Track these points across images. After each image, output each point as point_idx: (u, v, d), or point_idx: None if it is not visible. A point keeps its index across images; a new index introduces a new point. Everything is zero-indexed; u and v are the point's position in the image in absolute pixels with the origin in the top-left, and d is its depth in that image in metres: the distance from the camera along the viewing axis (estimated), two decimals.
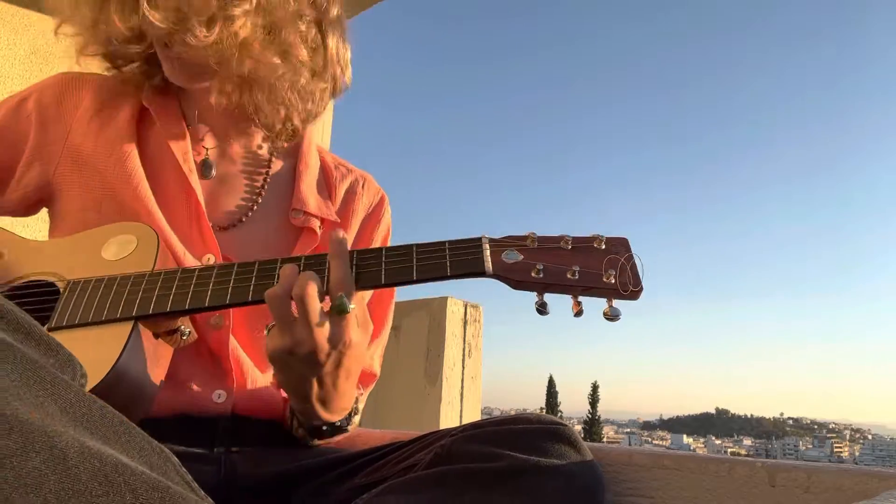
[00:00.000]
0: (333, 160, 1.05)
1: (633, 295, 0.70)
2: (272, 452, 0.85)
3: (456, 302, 2.88)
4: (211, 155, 0.94)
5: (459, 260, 0.71)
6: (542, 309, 0.71)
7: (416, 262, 0.72)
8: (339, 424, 0.84)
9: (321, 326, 0.68)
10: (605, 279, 0.70)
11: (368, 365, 0.97)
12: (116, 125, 0.89)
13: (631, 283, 0.70)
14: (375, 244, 1.02)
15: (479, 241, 0.73)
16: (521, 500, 0.63)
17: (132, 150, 0.87)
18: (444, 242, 0.73)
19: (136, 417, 0.72)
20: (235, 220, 0.91)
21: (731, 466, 0.75)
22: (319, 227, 0.93)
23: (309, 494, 0.80)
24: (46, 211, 0.94)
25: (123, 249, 0.78)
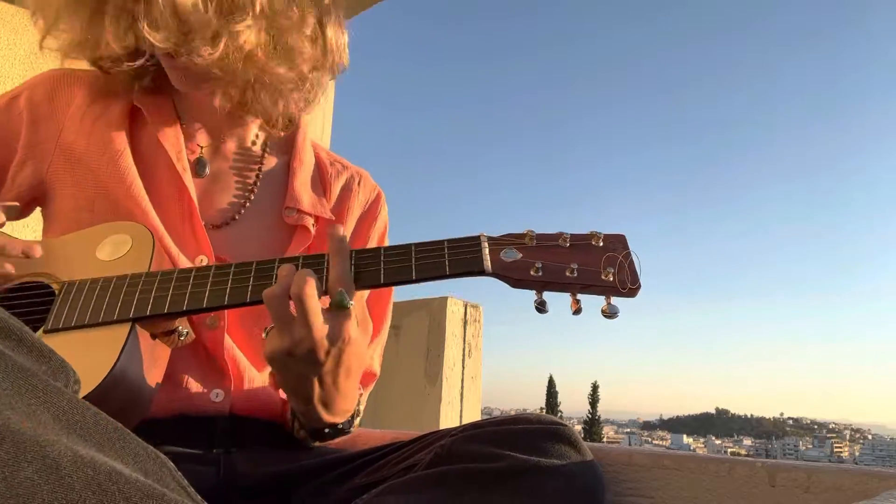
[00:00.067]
0: (329, 156, 1.04)
1: (631, 292, 0.70)
2: (271, 452, 0.85)
3: (456, 302, 2.88)
4: (205, 153, 0.93)
5: (458, 259, 0.71)
6: (541, 307, 0.71)
7: (414, 261, 0.72)
8: (341, 427, 0.84)
9: (320, 324, 0.68)
10: (603, 277, 0.70)
11: (368, 364, 0.97)
12: (109, 123, 0.87)
13: (629, 280, 0.70)
14: (372, 242, 1.01)
15: (477, 239, 0.73)
16: (521, 500, 0.63)
17: (125, 148, 0.86)
18: (442, 241, 0.73)
19: (135, 419, 0.71)
20: (228, 217, 0.90)
21: (731, 466, 0.75)
22: (313, 225, 0.92)
23: (309, 495, 0.80)
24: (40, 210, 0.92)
25: (118, 249, 0.77)
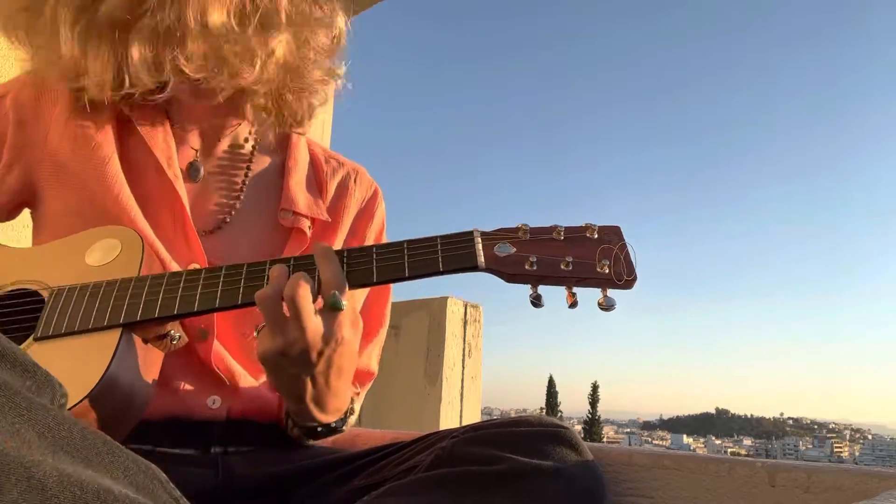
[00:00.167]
0: (324, 153, 1.02)
1: (627, 284, 0.70)
2: (270, 453, 0.85)
3: (456, 302, 2.88)
4: (199, 156, 0.91)
5: (451, 255, 0.70)
6: (536, 301, 0.70)
7: (407, 258, 0.71)
8: (334, 425, 0.83)
9: (313, 325, 0.67)
10: (598, 269, 0.70)
11: (366, 364, 0.96)
12: (95, 127, 0.84)
13: (625, 272, 0.70)
14: (369, 240, 0.99)
15: (470, 234, 0.72)
16: (522, 502, 0.63)
17: (112, 154, 0.83)
18: (435, 238, 0.72)
19: (130, 423, 0.71)
20: (220, 220, 0.89)
21: (731, 466, 0.75)
22: (309, 227, 0.91)
23: (308, 496, 0.79)
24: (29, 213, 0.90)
25: (107, 255, 0.76)
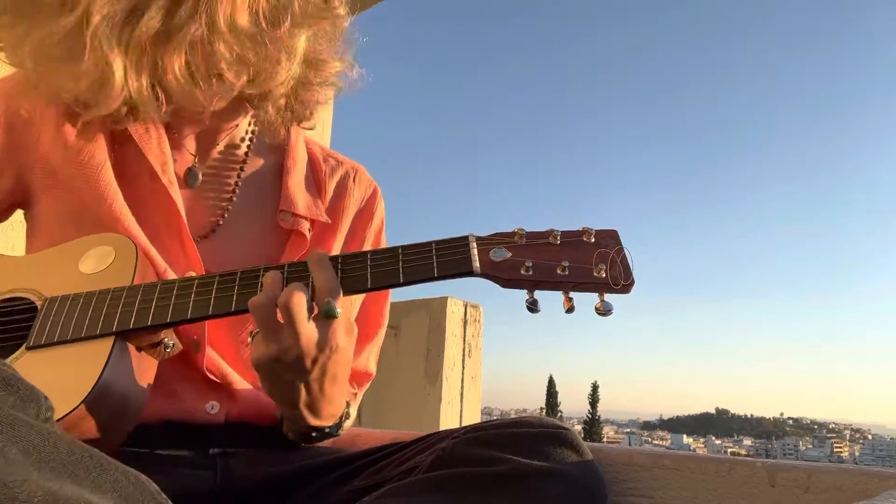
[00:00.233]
0: (322, 151, 1.01)
1: (624, 289, 0.69)
2: (269, 454, 0.84)
3: (456, 302, 2.88)
4: (196, 161, 0.89)
5: (446, 260, 0.70)
6: (532, 307, 0.69)
7: (402, 264, 0.70)
8: (328, 430, 0.82)
9: (308, 333, 0.67)
10: (595, 274, 0.69)
11: (364, 364, 0.96)
12: (87, 133, 0.82)
13: (622, 276, 0.69)
14: (368, 240, 0.99)
15: (465, 240, 0.71)
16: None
17: (105, 161, 0.81)
18: (430, 243, 0.72)
19: (124, 431, 0.70)
20: (213, 224, 0.87)
21: (731, 466, 0.75)
22: (309, 230, 0.90)
23: (308, 497, 0.79)
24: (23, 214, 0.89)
25: (101, 262, 0.76)
